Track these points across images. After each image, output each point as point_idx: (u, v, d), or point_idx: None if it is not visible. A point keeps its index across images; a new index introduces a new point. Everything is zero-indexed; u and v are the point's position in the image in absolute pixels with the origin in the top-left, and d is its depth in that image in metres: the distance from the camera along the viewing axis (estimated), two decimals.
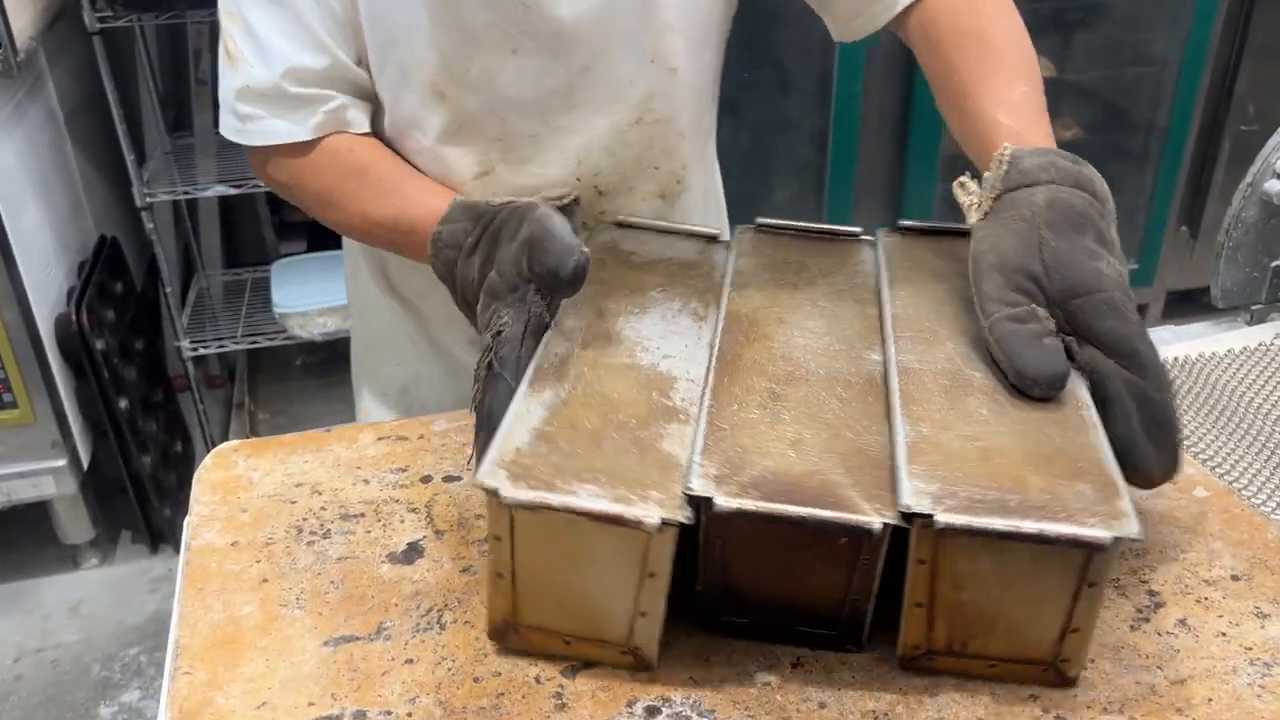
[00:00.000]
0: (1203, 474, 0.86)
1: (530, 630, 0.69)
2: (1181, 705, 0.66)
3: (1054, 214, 0.74)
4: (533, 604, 0.67)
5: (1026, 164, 0.77)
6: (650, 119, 0.97)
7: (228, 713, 0.67)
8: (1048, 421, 0.68)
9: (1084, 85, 2.76)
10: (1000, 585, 0.63)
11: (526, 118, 0.94)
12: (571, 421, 0.69)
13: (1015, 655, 0.66)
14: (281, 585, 0.77)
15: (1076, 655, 0.65)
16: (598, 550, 0.63)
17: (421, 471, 0.89)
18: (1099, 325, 0.71)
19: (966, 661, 0.67)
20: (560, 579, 0.66)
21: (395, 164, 0.95)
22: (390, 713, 0.67)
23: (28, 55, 1.89)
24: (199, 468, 0.91)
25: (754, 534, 0.64)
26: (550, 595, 0.67)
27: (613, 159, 0.98)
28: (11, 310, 1.90)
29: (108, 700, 1.93)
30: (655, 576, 0.63)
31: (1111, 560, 0.62)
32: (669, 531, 0.61)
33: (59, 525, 2.17)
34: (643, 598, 0.64)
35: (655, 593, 0.64)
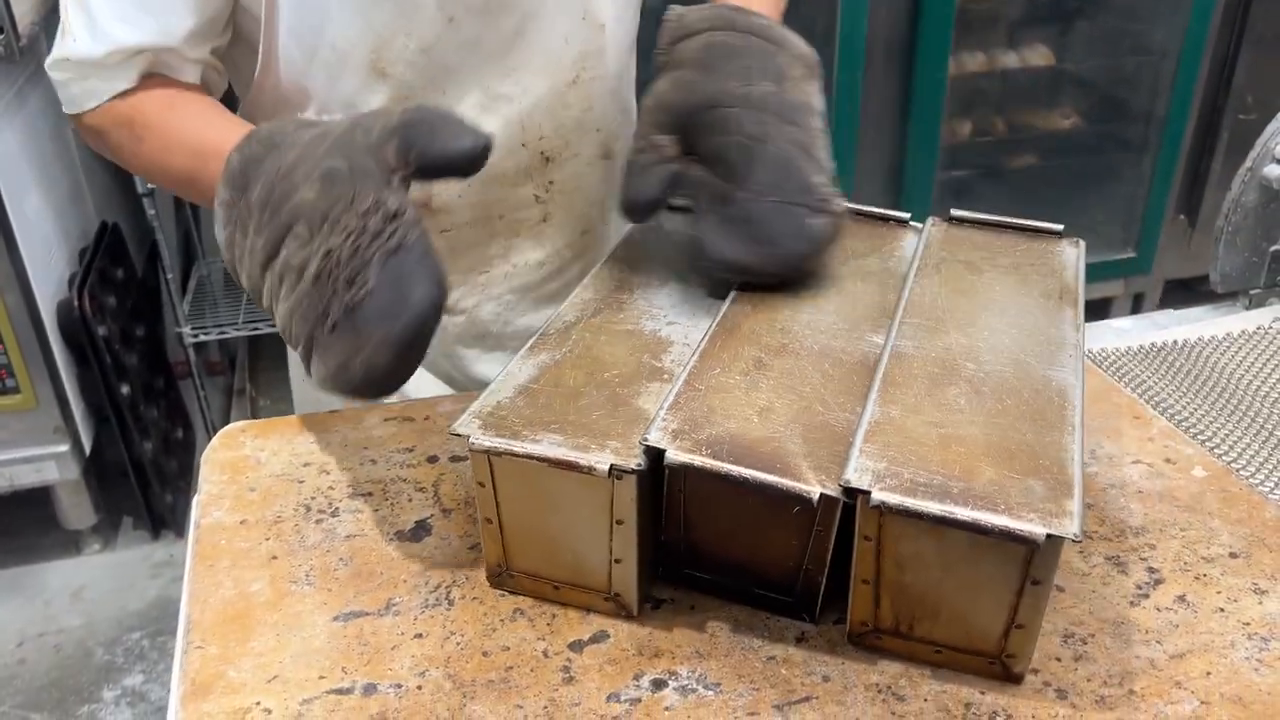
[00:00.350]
0: (1201, 454, 0.87)
1: (522, 575, 0.72)
2: (1180, 679, 0.67)
3: (706, 54, 0.78)
4: (520, 550, 0.71)
5: (689, 19, 0.83)
6: (586, 77, 0.97)
7: (239, 685, 0.68)
8: (1025, 417, 0.68)
9: (1083, 75, 2.77)
10: (942, 571, 0.64)
11: (467, 88, 0.93)
12: (557, 380, 0.72)
13: (960, 644, 0.66)
14: (291, 562, 0.78)
15: (1022, 651, 0.65)
16: (567, 497, 0.67)
17: (428, 451, 0.90)
18: (712, 141, 0.75)
19: (913, 645, 0.67)
20: (540, 526, 0.69)
21: (210, 102, 0.90)
22: (400, 685, 0.68)
23: (30, 40, 1.89)
24: (206, 448, 0.91)
25: (712, 493, 0.66)
26: (534, 542, 0.70)
27: (555, 121, 0.97)
28: (14, 296, 1.91)
29: (110, 684, 1.94)
30: (623, 524, 0.66)
31: (1053, 558, 0.61)
32: (629, 479, 0.64)
33: (61, 511, 2.18)
34: (615, 545, 0.67)
35: (626, 540, 0.67)
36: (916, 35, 2.44)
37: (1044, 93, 2.75)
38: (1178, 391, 1.07)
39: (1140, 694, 0.66)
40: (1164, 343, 1.14)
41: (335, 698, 0.67)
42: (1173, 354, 1.13)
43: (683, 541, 0.71)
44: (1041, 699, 0.66)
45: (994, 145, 2.75)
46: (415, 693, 0.67)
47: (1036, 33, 2.67)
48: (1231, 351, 1.12)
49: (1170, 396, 1.06)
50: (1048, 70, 2.70)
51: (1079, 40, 2.72)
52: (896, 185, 2.63)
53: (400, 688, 0.67)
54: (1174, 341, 1.14)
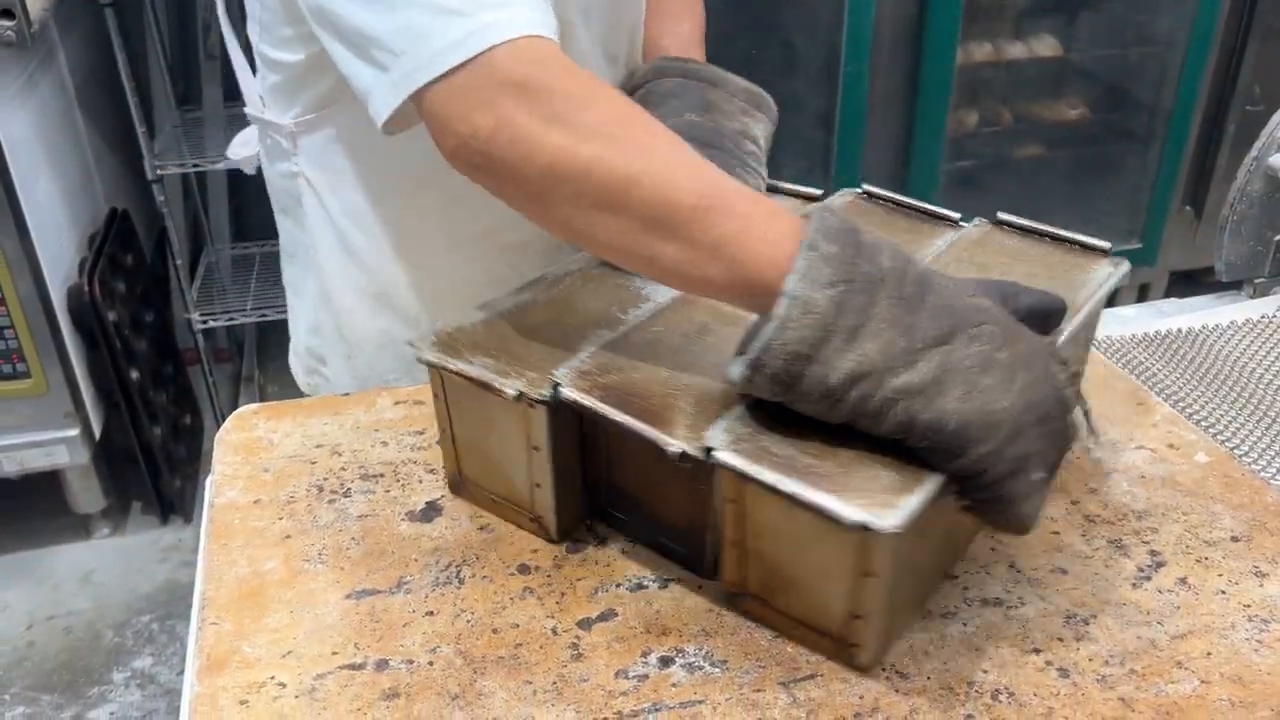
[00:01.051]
0: (1204, 440, 0.88)
1: (472, 485, 0.80)
2: (1181, 659, 0.68)
3: (642, 100, 0.88)
4: (468, 461, 0.79)
5: (635, 77, 0.92)
6: (642, 16, 1.00)
7: (254, 661, 0.69)
8: None
9: (1089, 65, 2.77)
10: (792, 546, 0.65)
11: (592, 22, 0.93)
12: (524, 316, 0.78)
13: (811, 622, 0.67)
14: (304, 541, 0.79)
15: (865, 642, 0.66)
16: (495, 418, 0.73)
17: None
18: None
19: (774, 615, 0.69)
20: (481, 442, 0.76)
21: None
22: (412, 662, 0.69)
23: (41, 27, 1.90)
24: (220, 430, 0.92)
25: (618, 437, 0.70)
26: (478, 456, 0.77)
27: (632, 50, 1.01)
28: (25, 281, 1.92)
29: (120, 666, 1.96)
30: (539, 450, 0.72)
31: (883, 552, 0.60)
32: (540, 409, 0.69)
33: (71, 495, 2.20)
34: (534, 469, 0.73)
35: (542, 466, 0.72)
36: (924, 25, 2.44)
37: (1050, 83, 2.74)
38: (1181, 378, 1.07)
39: (1141, 673, 0.67)
40: (1168, 330, 1.15)
41: (348, 673, 0.68)
42: (1177, 341, 1.13)
43: (604, 481, 0.76)
44: (1044, 677, 0.67)
45: (1000, 135, 2.75)
46: (426, 668, 0.68)
47: (1043, 23, 2.67)
48: (1235, 339, 1.13)
49: (1174, 383, 1.07)
50: (1054, 60, 2.70)
51: (1086, 31, 2.72)
52: (902, 175, 2.63)
53: (412, 663, 0.69)
54: (1178, 329, 1.15)
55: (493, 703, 0.66)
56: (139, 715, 1.87)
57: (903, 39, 2.46)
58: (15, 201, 1.87)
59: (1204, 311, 1.18)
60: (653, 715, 0.65)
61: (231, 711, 0.65)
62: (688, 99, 0.87)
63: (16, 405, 2.01)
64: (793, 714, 0.65)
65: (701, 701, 0.66)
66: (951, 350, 0.59)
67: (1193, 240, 2.87)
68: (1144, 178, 2.79)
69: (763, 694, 0.66)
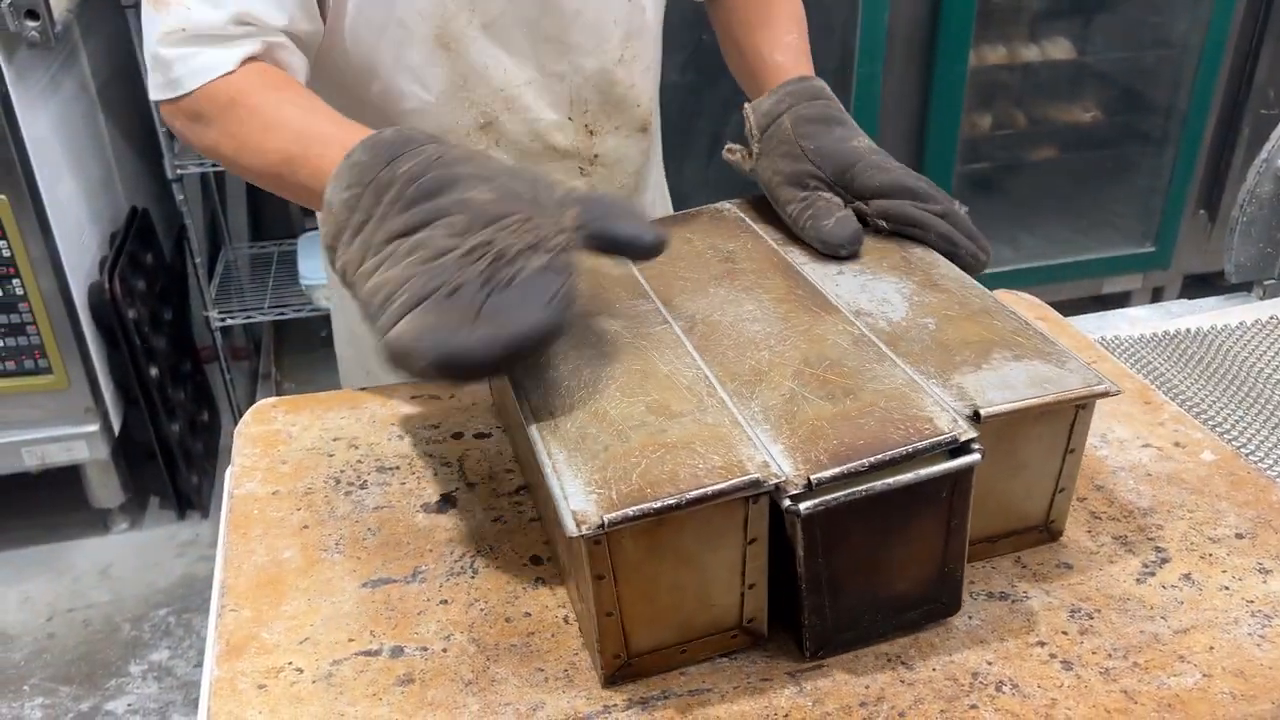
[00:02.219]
0: (1211, 438, 0.88)
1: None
2: (1184, 653, 0.69)
3: (801, 127, 0.92)
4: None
5: (765, 106, 0.94)
6: (629, 57, 1.03)
7: (272, 646, 0.71)
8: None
9: (1103, 68, 2.76)
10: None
11: (524, 64, 0.98)
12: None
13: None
14: (321, 531, 0.81)
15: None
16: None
17: (453, 428, 0.92)
18: (874, 183, 0.89)
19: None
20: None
21: (314, 95, 0.86)
22: (426, 649, 0.70)
23: (64, 27, 1.93)
24: (239, 423, 0.94)
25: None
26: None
27: (601, 98, 1.03)
28: (48, 278, 1.94)
29: (137, 658, 1.98)
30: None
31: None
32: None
33: (90, 490, 2.22)
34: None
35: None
36: (937, 27, 2.45)
37: (1065, 86, 2.74)
38: (1189, 378, 1.08)
39: (1144, 666, 0.68)
40: (1177, 330, 1.15)
41: (364, 659, 0.70)
42: (1185, 341, 1.14)
43: None
44: (1048, 670, 0.68)
45: (1014, 138, 2.75)
46: (440, 655, 0.70)
47: (1058, 26, 2.67)
48: (1244, 340, 1.13)
49: (1182, 382, 1.08)
50: (1069, 63, 2.70)
51: (1100, 33, 2.72)
52: None
53: (426, 650, 0.70)
54: (1186, 329, 1.16)
55: (505, 689, 0.67)
56: (156, 707, 1.89)
57: (916, 42, 2.46)
58: (39, 200, 1.90)
59: (1213, 312, 1.19)
60: (661, 703, 0.66)
61: (250, 695, 0.67)
62: (842, 126, 0.94)
63: (38, 400, 2.04)
64: (799, 703, 0.66)
65: (709, 690, 0.67)
66: (402, 242, 0.66)
67: (1206, 243, 2.87)
68: (1158, 181, 2.78)
69: (770, 683, 0.67)
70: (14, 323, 1.98)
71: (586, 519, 0.59)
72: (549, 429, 0.67)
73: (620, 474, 0.62)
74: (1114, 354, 1.11)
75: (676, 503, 0.60)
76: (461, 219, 0.65)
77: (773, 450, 0.64)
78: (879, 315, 0.78)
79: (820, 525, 0.62)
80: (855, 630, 0.68)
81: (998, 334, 0.75)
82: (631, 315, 0.79)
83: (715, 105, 2.41)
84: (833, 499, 0.61)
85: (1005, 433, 0.69)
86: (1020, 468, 0.72)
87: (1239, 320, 1.17)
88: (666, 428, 0.66)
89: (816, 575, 0.64)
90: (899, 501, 0.63)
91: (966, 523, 0.67)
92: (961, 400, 0.68)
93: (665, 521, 0.61)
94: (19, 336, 1.99)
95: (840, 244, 0.86)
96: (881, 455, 0.63)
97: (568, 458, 0.64)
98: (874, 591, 0.67)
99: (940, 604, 0.70)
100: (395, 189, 0.67)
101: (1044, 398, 0.68)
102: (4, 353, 1.99)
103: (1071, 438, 0.72)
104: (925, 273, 0.84)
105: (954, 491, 0.65)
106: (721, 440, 0.65)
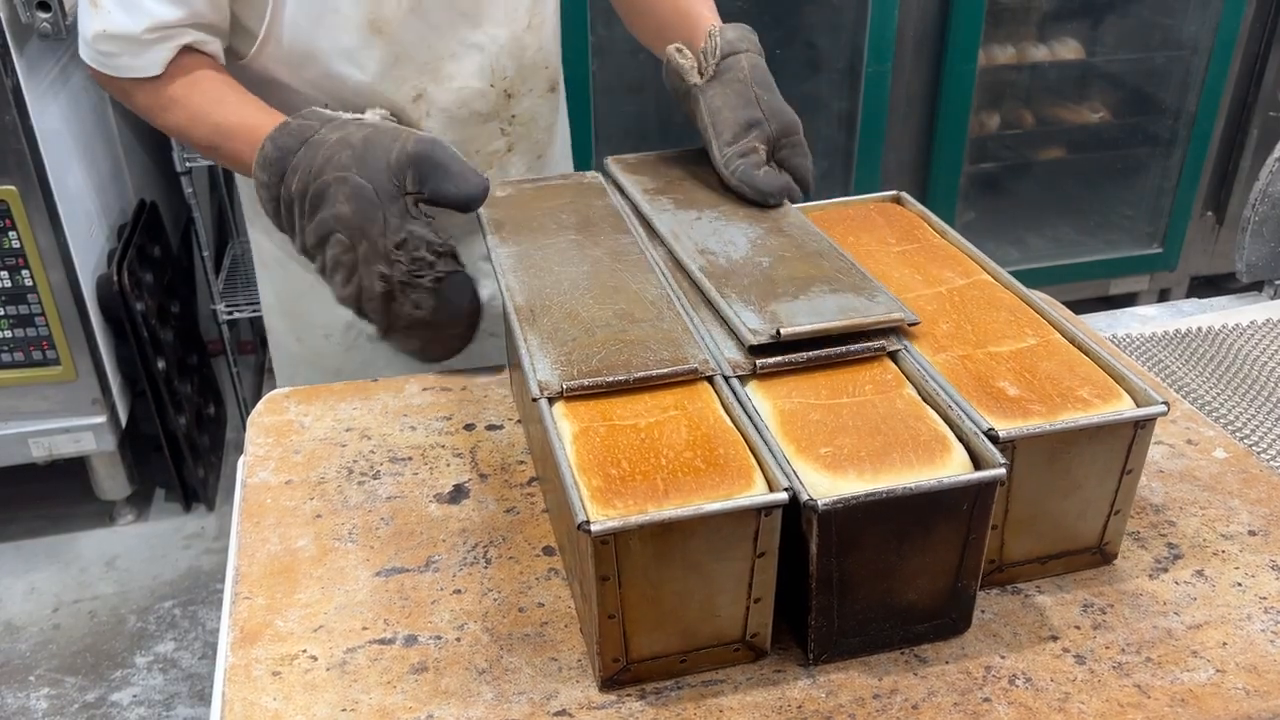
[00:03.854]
0: (1223, 436, 0.88)
1: (646, 664, 0.68)
2: (1196, 648, 0.69)
3: (757, 74, 1.00)
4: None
5: (730, 36, 1.02)
6: (536, 23, 1.11)
7: (286, 634, 0.71)
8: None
9: (1112, 68, 2.76)
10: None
11: (447, 40, 1.05)
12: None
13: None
14: (334, 521, 0.81)
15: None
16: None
17: (465, 419, 0.92)
18: (795, 160, 0.99)
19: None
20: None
21: (229, 80, 1.01)
22: (440, 637, 0.70)
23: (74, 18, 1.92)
24: (252, 412, 0.94)
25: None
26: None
27: (515, 63, 1.10)
28: (57, 271, 1.94)
29: (143, 650, 1.98)
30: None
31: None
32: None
33: (97, 481, 2.22)
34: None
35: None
36: (947, 27, 2.45)
37: (1073, 86, 2.74)
38: (1201, 376, 1.08)
39: (1157, 661, 0.68)
40: (1188, 329, 1.15)
41: (378, 647, 0.70)
42: (1196, 340, 1.14)
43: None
44: (1060, 664, 0.68)
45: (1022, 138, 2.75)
46: (454, 644, 0.70)
47: (1067, 26, 2.66)
48: (1255, 339, 1.13)
49: (1193, 381, 1.08)
50: (1077, 64, 2.69)
51: (1109, 34, 2.71)
52: (923, 177, 2.63)
53: (440, 639, 0.70)
54: (1198, 328, 1.16)
55: (519, 677, 0.67)
56: (161, 699, 1.89)
57: (925, 41, 2.46)
58: (48, 192, 1.90)
59: (1224, 311, 1.19)
60: (675, 693, 0.66)
61: (265, 682, 0.67)
62: (771, 81, 1.02)
63: (46, 391, 2.04)
64: (812, 694, 0.66)
65: (722, 680, 0.67)
66: (322, 253, 0.91)
67: (1214, 245, 2.86)
68: (1166, 182, 2.78)
69: (783, 674, 0.67)
70: (23, 314, 1.98)
71: (548, 386, 0.69)
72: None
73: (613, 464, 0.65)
74: (1125, 352, 1.11)
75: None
76: (343, 236, 0.88)
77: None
78: (721, 254, 0.86)
79: (837, 523, 0.62)
80: (861, 637, 0.68)
81: (823, 271, 0.81)
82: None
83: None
84: (853, 498, 0.61)
85: (1059, 451, 0.68)
86: (1074, 488, 0.70)
87: (1250, 319, 1.17)
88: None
89: (828, 574, 0.64)
90: (919, 508, 0.63)
91: (984, 538, 0.66)
92: (772, 324, 0.73)
93: (674, 527, 0.61)
94: (27, 328, 1.99)
95: (770, 193, 0.95)
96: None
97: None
98: (884, 599, 0.67)
99: (950, 620, 0.69)
100: (296, 206, 0.90)
101: (845, 321, 0.74)
102: (13, 344, 1.99)
103: (1129, 458, 0.70)
104: (775, 221, 0.92)
105: (975, 504, 0.64)
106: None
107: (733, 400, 0.70)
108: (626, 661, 0.66)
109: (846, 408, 0.69)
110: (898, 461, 0.64)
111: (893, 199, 0.98)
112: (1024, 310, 0.79)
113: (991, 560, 0.72)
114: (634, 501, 0.61)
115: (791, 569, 0.66)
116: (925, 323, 0.77)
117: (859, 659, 0.68)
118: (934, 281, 0.83)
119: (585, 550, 0.61)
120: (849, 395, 0.70)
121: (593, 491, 0.62)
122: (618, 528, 0.59)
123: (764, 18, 2.29)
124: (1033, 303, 0.80)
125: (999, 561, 0.72)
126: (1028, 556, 0.73)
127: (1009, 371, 0.71)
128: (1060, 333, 0.76)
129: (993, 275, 0.84)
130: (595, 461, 0.64)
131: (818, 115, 2.54)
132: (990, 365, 0.72)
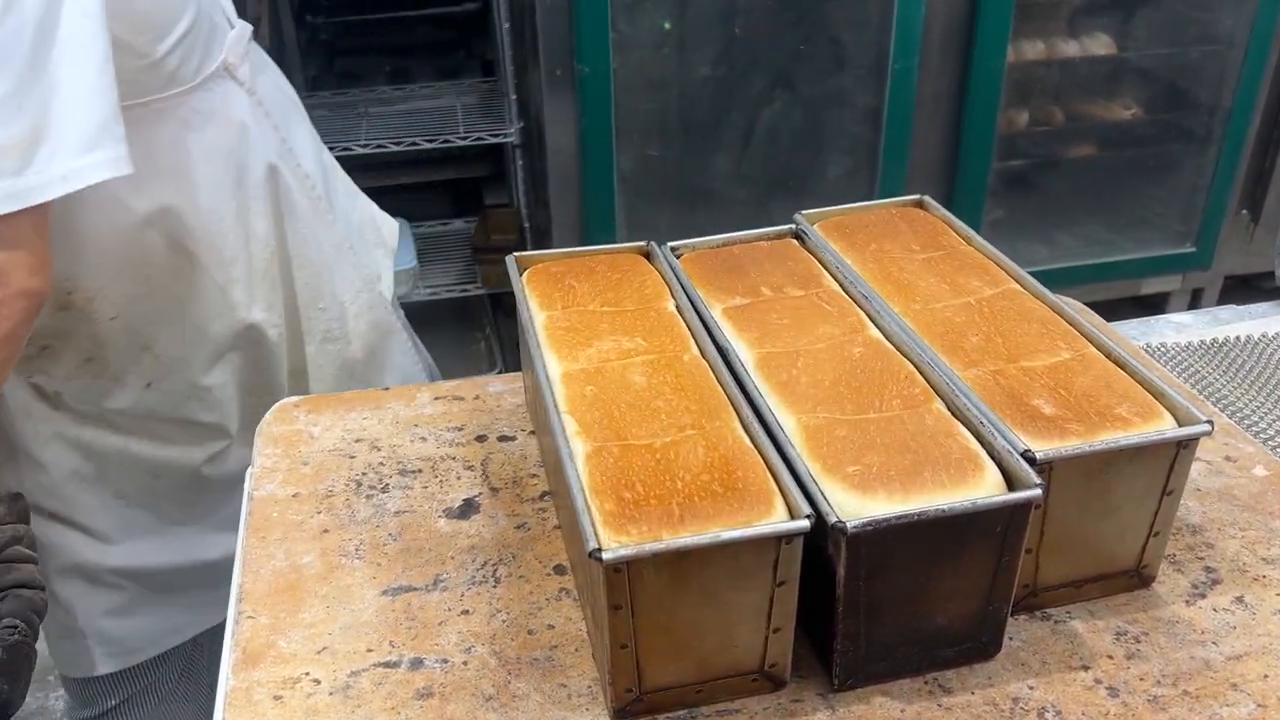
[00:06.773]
0: (1263, 452, 0.85)
1: (659, 695, 0.66)
2: (1237, 680, 0.66)
3: None
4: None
5: None
6: None
7: (289, 656, 0.69)
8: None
9: (1145, 64, 2.71)
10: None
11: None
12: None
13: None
14: (341, 536, 0.79)
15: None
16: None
17: (476, 431, 0.90)
18: None
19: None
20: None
21: None
22: (447, 661, 0.68)
23: None
24: (261, 421, 0.93)
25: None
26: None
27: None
28: None
29: None
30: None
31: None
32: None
33: None
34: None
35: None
36: (975, 22, 2.40)
37: (1104, 82, 2.69)
38: (1239, 388, 1.04)
39: (1195, 695, 0.65)
40: (1225, 338, 1.11)
41: (382, 671, 0.68)
42: (1234, 350, 1.10)
43: None
44: (1092, 696, 0.65)
45: (1051, 135, 2.70)
46: (461, 668, 0.68)
47: (1098, 21, 2.61)
48: None
49: (1231, 393, 1.04)
50: (1109, 59, 2.64)
51: (1142, 29, 2.66)
52: (951, 175, 2.59)
53: (446, 663, 0.68)
54: (1235, 337, 1.12)
55: (527, 705, 0.65)
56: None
57: (953, 36, 2.42)
58: None
59: (1263, 320, 1.15)
60: None
61: (266, 706, 0.65)
62: None
63: None
64: None
65: (737, 711, 0.64)
66: None
67: (1249, 244, 2.81)
68: (1200, 180, 2.72)
69: (802, 704, 0.65)
70: None
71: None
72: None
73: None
74: (1160, 361, 1.07)
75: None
76: None
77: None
78: None
79: (866, 545, 0.59)
80: (888, 662, 0.65)
81: None
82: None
83: (745, 100, 2.38)
84: (884, 520, 0.59)
85: (1098, 472, 0.65)
86: (1113, 509, 0.67)
87: None
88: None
89: (855, 598, 0.62)
90: (952, 530, 0.60)
91: (1018, 561, 0.63)
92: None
93: (690, 555, 0.58)
94: None
95: None
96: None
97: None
98: (913, 622, 0.64)
99: (980, 644, 0.67)
100: None
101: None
102: None
103: (1170, 478, 0.67)
104: None
105: (1009, 526, 0.62)
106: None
107: (752, 419, 0.67)
108: (639, 692, 0.63)
109: (874, 423, 0.66)
110: (929, 481, 0.61)
111: (915, 203, 0.95)
112: (1056, 322, 0.76)
113: (1025, 585, 0.69)
114: (648, 527, 0.58)
115: (815, 591, 0.63)
116: (954, 335, 0.74)
117: (880, 688, 0.66)
118: (962, 291, 0.80)
119: (597, 577, 0.59)
120: (876, 410, 0.67)
121: (605, 516, 0.59)
122: (631, 556, 0.57)
123: (788, 14, 2.25)
124: (1064, 313, 0.77)
125: (1033, 585, 0.69)
126: (1063, 580, 0.70)
127: (1044, 388, 0.68)
128: (1095, 345, 0.73)
129: (1021, 283, 0.81)
130: (609, 484, 0.61)
131: (843, 112, 2.51)
132: (1024, 381, 0.69)
